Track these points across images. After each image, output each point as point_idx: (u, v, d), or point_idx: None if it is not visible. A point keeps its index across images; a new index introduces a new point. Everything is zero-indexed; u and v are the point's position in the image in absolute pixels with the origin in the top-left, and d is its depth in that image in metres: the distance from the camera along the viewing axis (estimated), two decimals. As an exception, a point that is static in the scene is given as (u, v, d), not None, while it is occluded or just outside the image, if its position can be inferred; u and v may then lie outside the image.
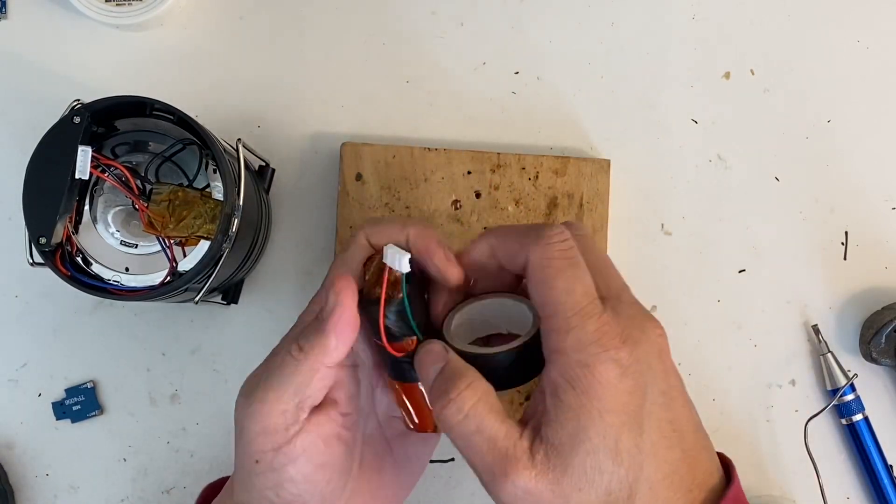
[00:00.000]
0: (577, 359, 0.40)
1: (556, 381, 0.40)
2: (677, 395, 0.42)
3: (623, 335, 0.40)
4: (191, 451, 0.60)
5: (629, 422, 0.40)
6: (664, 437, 0.41)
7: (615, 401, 0.40)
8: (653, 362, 0.41)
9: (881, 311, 0.60)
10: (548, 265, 0.42)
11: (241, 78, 0.60)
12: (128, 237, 0.52)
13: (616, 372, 0.40)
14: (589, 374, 0.40)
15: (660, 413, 0.41)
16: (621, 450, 0.40)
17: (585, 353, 0.40)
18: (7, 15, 0.60)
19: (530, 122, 0.61)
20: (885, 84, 0.62)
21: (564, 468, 0.39)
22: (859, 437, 0.60)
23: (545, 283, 0.42)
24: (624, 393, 0.40)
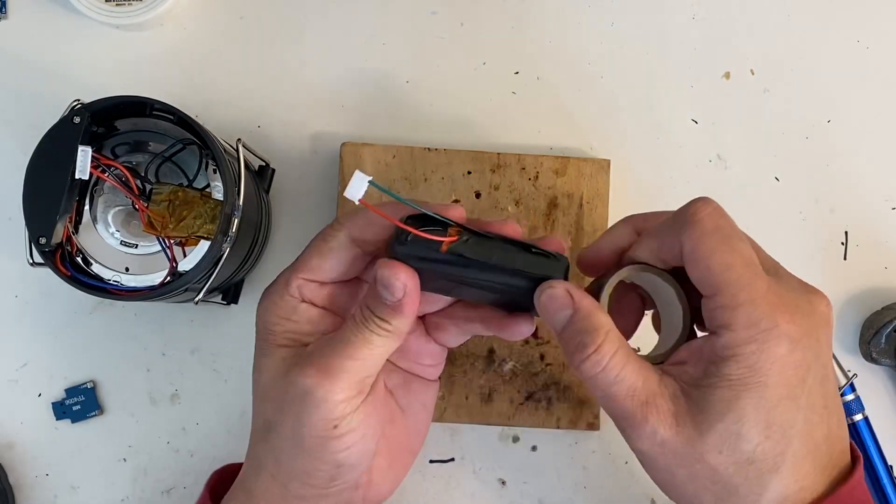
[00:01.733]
0: (748, 335, 0.39)
1: (719, 353, 0.40)
2: (830, 374, 0.42)
3: (793, 306, 0.40)
4: (191, 451, 0.60)
5: (788, 396, 0.40)
6: (816, 414, 0.41)
7: (780, 375, 0.39)
8: (820, 335, 0.41)
9: (881, 311, 0.60)
10: (701, 245, 0.41)
11: (241, 78, 0.60)
12: (128, 237, 0.52)
13: (787, 347, 0.39)
14: (759, 350, 0.39)
15: (817, 389, 0.41)
16: (773, 423, 0.40)
17: (756, 330, 0.39)
18: (7, 15, 0.60)
19: (530, 122, 0.61)
20: (885, 84, 0.62)
21: (707, 428, 0.40)
22: (859, 437, 0.60)
23: (702, 262, 0.41)
24: (790, 366, 0.40)
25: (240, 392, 0.60)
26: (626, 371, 0.41)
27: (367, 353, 0.44)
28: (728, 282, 0.40)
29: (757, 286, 0.40)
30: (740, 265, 0.41)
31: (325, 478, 0.46)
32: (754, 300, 0.40)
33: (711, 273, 0.41)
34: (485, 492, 0.60)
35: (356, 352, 0.44)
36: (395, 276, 0.42)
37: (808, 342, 0.40)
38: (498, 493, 0.60)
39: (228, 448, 0.60)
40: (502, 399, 0.58)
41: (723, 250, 0.41)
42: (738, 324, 0.40)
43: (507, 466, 0.60)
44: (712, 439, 0.40)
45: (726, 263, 0.41)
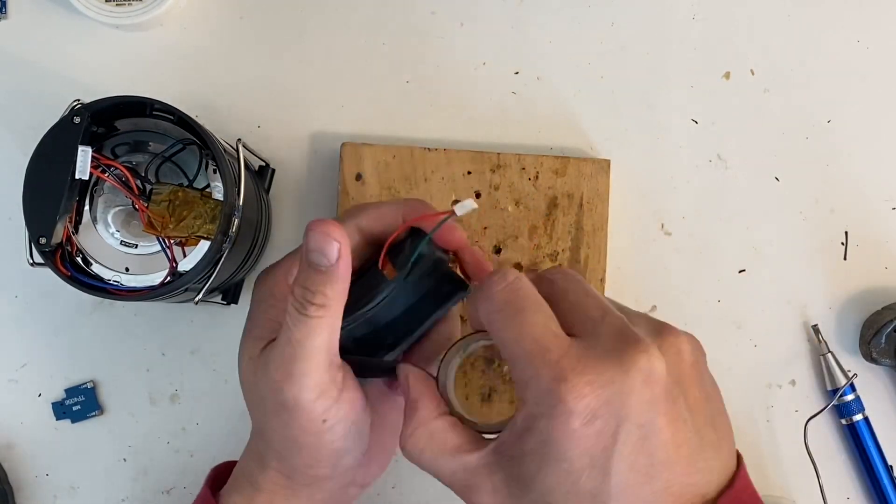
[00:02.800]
0: (537, 411, 0.39)
1: (520, 426, 0.40)
2: (665, 423, 0.39)
3: (589, 378, 0.38)
4: (191, 451, 0.60)
5: (592, 465, 0.39)
6: (638, 474, 0.39)
7: (577, 448, 0.38)
8: (629, 398, 0.38)
9: (881, 311, 0.60)
10: (493, 322, 0.41)
11: (241, 78, 0.60)
12: (128, 237, 0.52)
13: (579, 420, 0.38)
14: (548, 425, 0.38)
15: (635, 449, 0.39)
16: (581, 493, 0.39)
17: (543, 405, 0.39)
18: (7, 15, 0.60)
19: (530, 122, 0.61)
20: (885, 84, 0.62)
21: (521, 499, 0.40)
22: (859, 437, 0.60)
23: (496, 336, 0.41)
24: (588, 438, 0.38)
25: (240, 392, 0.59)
26: (440, 459, 0.42)
27: (318, 344, 0.43)
28: (518, 356, 0.40)
29: (545, 359, 0.39)
30: (528, 339, 0.40)
31: (329, 465, 0.47)
32: (538, 374, 0.39)
33: (504, 348, 0.41)
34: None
35: (305, 350, 0.43)
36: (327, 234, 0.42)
37: (610, 408, 0.38)
38: (498, 493, 0.60)
39: (228, 448, 0.60)
40: (502, 399, 0.58)
41: (511, 326, 0.41)
42: (529, 399, 0.39)
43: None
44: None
45: (514, 338, 0.40)
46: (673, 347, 0.40)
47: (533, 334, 0.40)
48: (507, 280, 0.42)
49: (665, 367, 0.39)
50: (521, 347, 0.40)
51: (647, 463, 0.39)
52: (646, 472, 0.39)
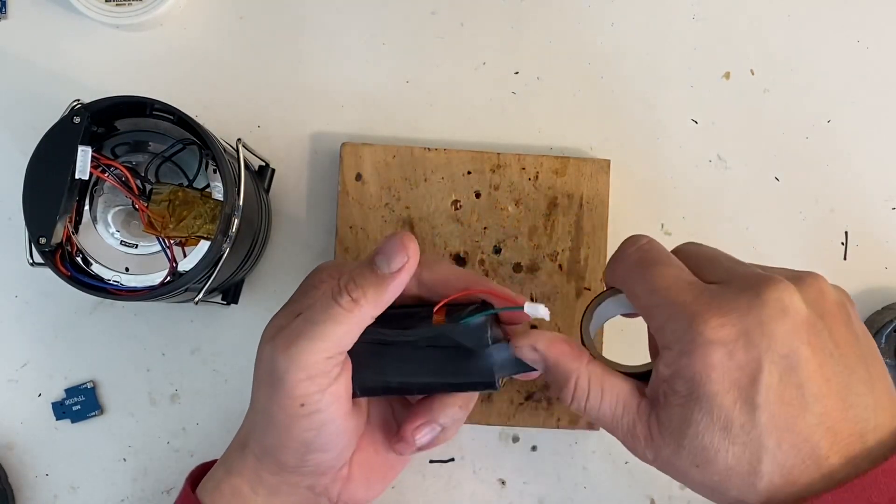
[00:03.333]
0: (678, 350, 0.40)
1: (663, 373, 0.41)
2: (809, 356, 0.40)
3: (724, 310, 0.40)
4: (191, 451, 0.60)
5: (740, 398, 0.40)
6: (787, 406, 0.40)
7: (723, 380, 0.40)
8: (770, 327, 0.39)
9: (881, 311, 0.60)
10: (627, 279, 0.44)
11: (241, 78, 0.60)
12: (128, 237, 0.52)
13: (720, 352, 0.39)
14: (690, 362, 0.40)
15: (782, 380, 0.40)
16: (733, 427, 0.40)
17: (683, 342, 0.40)
18: (7, 15, 0.60)
19: (530, 122, 0.61)
20: (885, 84, 0.62)
21: (677, 448, 0.41)
22: (859, 437, 0.60)
23: (631, 293, 0.44)
24: (733, 370, 0.40)
25: (240, 392, 0.60)
26: (603, 406, 0.43)
27: (329, 331, 0.44)
28: (653, 306, 0.42)
29: (679, 301, 0.41)
30: (661, 288, 0.42)
31: (295, 456, 0.47)
32: (674, 316, 0.41)
33: (639, 301, 0.43)
34: (485, 492, 0.60)
35: (315, 331, 0.44)
36: (403, 245, 0.44)
37: (750, 338, 0.39)
38: (498, 493, 0.60)
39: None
40: (502, 399, 0.58)
41: (645, 278, 0.43)
42: (668, 341, 0.41)
43: (506, 466, 0.60)
44: (685, 456, 0.41)
45: (648, 289, 0.42)
46: (813, 286, 0.42)
47: (666, 283, 0.42)
48: (640, 242, 0.45)
49: (803, 300, 0.41)
50: (657, 295, 0.42)
51: (796, 394, 0.40)
52: (797, 405, 0.40)
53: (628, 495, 0.60)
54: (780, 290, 0.40)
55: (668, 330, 0.41)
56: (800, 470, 0.40)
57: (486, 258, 0.58)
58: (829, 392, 0.40)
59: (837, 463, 0.40)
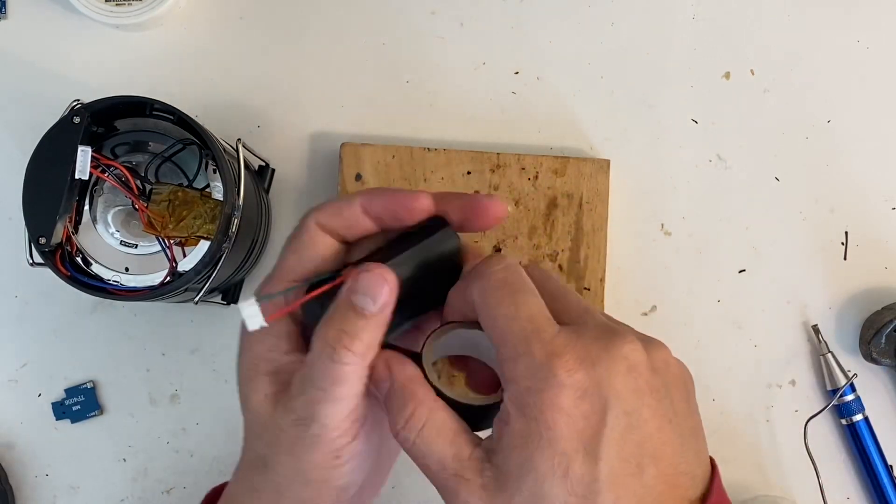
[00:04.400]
0: (526, 386, 0.38)
1: (507, 409, 0.39)
2: (650, 416, 0.39)
3: (580, 356, 0.38)
4: (191, 451, 0.60)
5: (583, 448, 0.38)
6: (627, 463, 0.39)
7: (567, 426, 0.38)
8: (617, 381, 0.39)
9: (881, 311, 0.60)
10: (487, 297, 0.41)
11: (241, 78, 0.60)
12: (128, 237, 0.52)
13: (570, 396, 0.38)
14: (539, 400, 0.38)
15: (622, 436, 0.39)
16: (573, 478, 0.38)
17: (535, 379, 0.38)
18: (7, 15, 0.60)
19: (530, 122, 0.61)
20: (885, 84, 0.62)
21: (512, 494, 0.39)
22: (859, 437, 0.60)
23: (488, 313, 0.41)
24: (579, 418, 0.38)
25: (240, 392, 0.60)
26: (436, 444, 0.41)
27: (346, 392, 0.42)
28: (510, 333, 0.40)
29: (540, 337, 0.39)
30: (524, 317, 0.40)
31: (330, 500, 0.45)
32: (532, 352, 0.39)
33: (496, 324, 0.40)
34: (485, 492, 0.60)
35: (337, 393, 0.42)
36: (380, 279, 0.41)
37: (599, 389, 0.38)
38: (498, 493, 0.60)
39: (228, 448, 0.60)
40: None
41: (507, 303, 0.40)
42: (518, 375, 0.39)
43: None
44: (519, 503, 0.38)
45: (509, 315, 0.40)
46: (661, 353, 0.41)
47: (529, 313, 0.40)
48: (505, 262, 0.42)
49: (648, 362, 0.40)
50: (517, 324, 0.40)
51: (635, 453, 0.39)
52: (635, 463, 0.39)
53: (628, 495, 0.60)
54: (631, 349, 0.39)
55: (520, 363, 0.39)
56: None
57: (486, 258, 0.58)
58: (662, 455, 0.40)
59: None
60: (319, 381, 0.42)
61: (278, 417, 0.43)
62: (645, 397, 0.39)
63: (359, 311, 0.41)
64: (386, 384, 0.42)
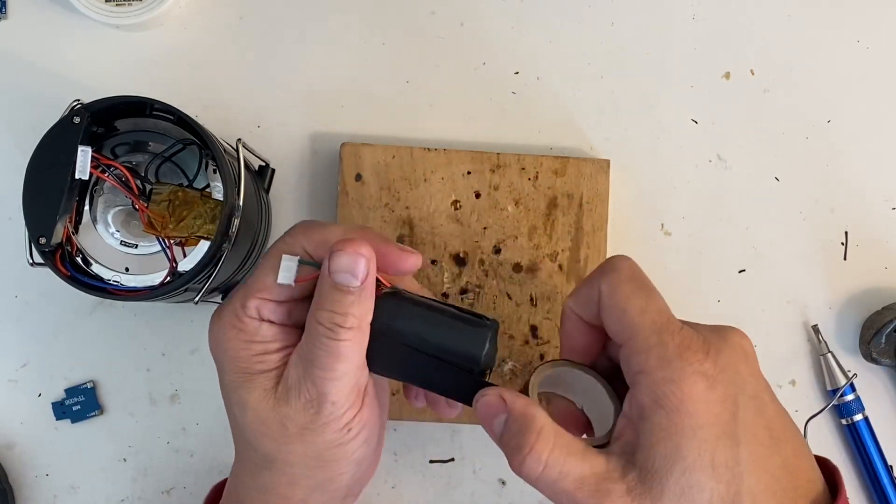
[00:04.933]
0: (662, 376, 0.39)
1: (642, 402, 0.39)
2: (768, 399, 0.41)
3: (705, 346, 0.40)
4: (191, 451, 0.60)
5: (724, 434, 0.39)
6: (762, 446, 0.40)
7: (707, 413, 0.39)
8: (740, 367, 0.40)
9: (881, 311, 0.60)
10: (618, 290, 0.42)
11: (241, 78, 0.60)
12: (128, 237, 0.52)
13: (704, 384, 0.39)
14: (677, 389, 0.39)
15: (754, 420, 0.40)
16: (718, 464, 0.39)
17: (670, 370, 0.39)
18: (7, 15, 0.60)
19: (530, 122, 0.61)
20: (885, 84, 0.62)
21: (662, 490, 0.38)
22: (859, 437, 0.60)
23: (618, 307, 0.42)
24: (715, 404, 0.39)
25: (240, 392, 0.60)
26: (568, 463, 0.40)
27: (348, 368, 0.43)
28: (642, 325, 0.41)
29: (669, 329, 0.41)
30: (654, 310, 0.41)
31: (348, 479, 0.46)
32: (665, 342, 0.40)
33: (627, 316, 0.42)
34: (485, 492, 0.60)
35: (337, 373, 0.42)
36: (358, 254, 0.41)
37: (727, 377, 0.40)
38: (498, 493, 0.60)
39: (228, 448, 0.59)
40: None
41: (638, 295, 0.42)
42: (652, 365, 0.40)
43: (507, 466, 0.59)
44: (671, 499, 0.38)
45: (641, 308, 0.41)
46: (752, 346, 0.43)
47: (658, 307, 0.42)
48: (631, 260, 0.44)
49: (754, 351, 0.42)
50: (649, 317, 0.41)
51: (766, 435, 0.40)
52: (767, 445, 0.40)
53: (628, 495, 0.60)
54: (741, 338, 0.42)
55: (653, 354, 0.40)
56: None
57: (486, 258, 0.58)
58: (786, 438, 0.41)
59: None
60: (321, 360, 0.43)
61: (283, 407, 0.44)
62: (762, 381, 0.42)
63: (343, 288, 0.42)
64: (503, 417, 0.42)
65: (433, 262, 0.58)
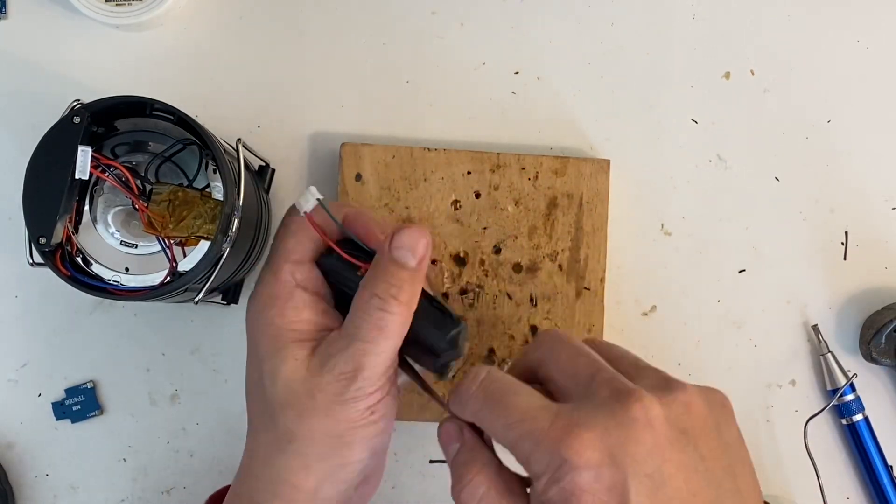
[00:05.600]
0: (546, 479, 0.39)
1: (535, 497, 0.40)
2: (674, 470, 0.39)
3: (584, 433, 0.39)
4: (191, 451, 0.60)
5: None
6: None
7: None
8: (629, 447, 0.39)
9: (881, 311, 0.60)
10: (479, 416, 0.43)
11: (241, 78, 0.60)
12: (128, 237, 0.52)
13: (588, 476, 0.38)
14: (560, 490, 0.38)
15: (651, 499, 0.39)
16: None
17: (550, 472, 0.39)
18: (7, 15, 0.60)
19: (530, 122, 0.61)
20: (885, 84, 0.62)
21: None
22: (859, 437, 0.60)
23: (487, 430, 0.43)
24: (602, 492, 0.38)
25: (240, 392, 0.59)
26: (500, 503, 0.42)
27: (391, 343, 0.44)
28: (513, 440, 0.41)
29: (538, 431, 0.40)
30: (517, 421, 0.41)
31: (360, 469, 0.46)
32: (537, 446, 0.39)
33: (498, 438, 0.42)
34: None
35: (379, 347, 0.43)
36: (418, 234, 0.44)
37: (615, 460, 0.38)
38: (498, 493, 0.60)
39: (228, 448, 0.60)
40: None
41: (496, 414, 0.42)
42: (535, 472, 0.40)
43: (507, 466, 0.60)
44: None
45: (503, 426, 0.41)
46: (678, 400, 0.41)
47: (519, 414, 0.41)
48: (479, 379, 0.43)
49: (663, 415, 0.40)
50: (513, 429, 0.41)
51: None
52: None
53: (628, 495, 0.60)
54: (641, 407, 0.39)
55: (533, 461, 0.40)
56: None
57: (486, 258, 0.58)
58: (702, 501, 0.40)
59: None
60: (366, 332, 0.44)
61: (316, 378, 0.44)
62: (665, 452, 0.39)
63: (401, 264, 0.44)
64: (455, 446, 0.44)
65: (433, 262, 0.58)
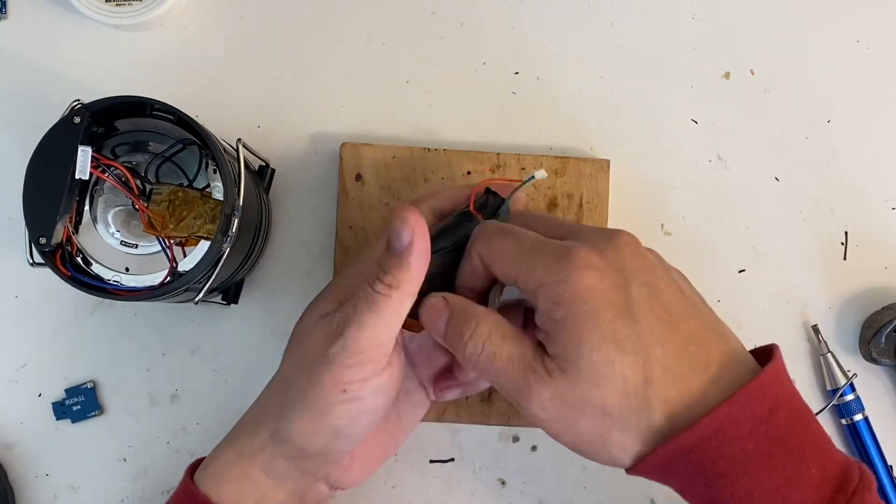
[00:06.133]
0: (554, 280, 0.43)
1: (544, 308, 0.43)
2: (665, 286, 0.44)
3: (587, 247, 0.43)
4: (191, 451, 0.60)
5: (620, 313, 0.42)
6: (661, 322, 0.43)
7: (601, 299, 0.42)
8: (627, 261, 0.44)
9: (881, 311, 0.60)
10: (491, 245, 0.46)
11: (241, 78, 0.61)
12: (128, 237, 0.52)
13: (592, 275, 0.42)
14: (568, 286, 0.42)
15: (649, 301, 0.43)
16: (621, 338, 0.42)
17: (559, 272, 0.43)
18: (7, 15, 0.60)
19: (530, 122, 0.61)
20: (885, 84, 0.62)
21: (577, 371, 0.42)
22: (859, 437, 0.60)
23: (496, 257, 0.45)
24: (607, 290, 0.42)
25: (240, 392, 0.60)
26: (503, 346, 0.44)
27: (375, 320, 0.45)
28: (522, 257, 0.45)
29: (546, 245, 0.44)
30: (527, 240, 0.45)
31: (321, 443, 0.47)
32: (546, 257, 0.44)
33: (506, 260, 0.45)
34: (485, 492, 0.60)
35: (367, 319, 0.45)
36: (404, 220, 0.44)
37: (614, 266, 0.43)
38: (498, 493, 0.60)
39: (228, 448, 0.60)
40: (502, 399, 0.58)
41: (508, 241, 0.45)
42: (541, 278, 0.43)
43: (507, 466, 0.60)
44: (584, 379, 0.42)
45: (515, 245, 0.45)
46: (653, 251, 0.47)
47: (530, 237, 0.45)
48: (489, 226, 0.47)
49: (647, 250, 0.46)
50: (524, 247, 0.45)
51: (664, 314, 0.43)
52: (667, 322, 0.43)
53: (628, 495, 0.60)
54: (629, 236, 0.45)
55: (539, 270, 0.43)
56: (689, 377, 0.42)
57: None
58: (688, 316, 0.44)
59: (719, 371, 0.43)
60: (357, 301, 0.45)
61: (314, 334, 0.47)
62: (656, 272, 0.45)
63: (391, 249, 0.45)
64: (444, 315, 0.46)
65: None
